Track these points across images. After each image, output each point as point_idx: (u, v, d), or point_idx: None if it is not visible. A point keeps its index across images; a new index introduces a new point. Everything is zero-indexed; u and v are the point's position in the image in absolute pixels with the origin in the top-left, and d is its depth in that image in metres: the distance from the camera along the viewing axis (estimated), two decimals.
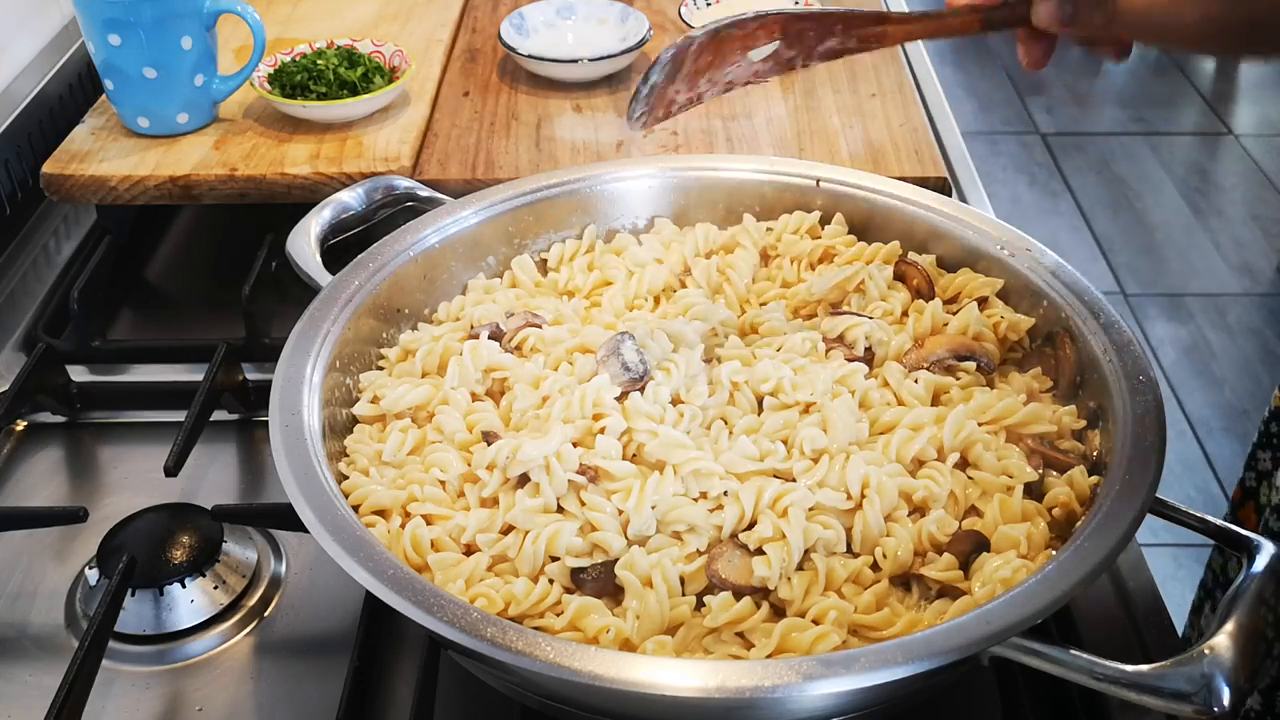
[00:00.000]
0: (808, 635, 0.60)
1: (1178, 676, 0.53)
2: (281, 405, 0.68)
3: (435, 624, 0.55)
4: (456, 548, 0.66)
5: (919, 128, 1.11)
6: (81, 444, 0.89)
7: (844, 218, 0.88)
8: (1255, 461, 0.99)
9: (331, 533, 0.60)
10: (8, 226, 1.10)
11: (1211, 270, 2.90)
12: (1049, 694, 0.69)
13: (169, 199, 1.03)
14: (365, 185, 0.89)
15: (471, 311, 0.81)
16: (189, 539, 0.75)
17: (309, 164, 1.02)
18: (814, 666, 0.53)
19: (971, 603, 0.61)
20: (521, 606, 0.62)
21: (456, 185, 1.03)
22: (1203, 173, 3.31)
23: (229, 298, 0.93)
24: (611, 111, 1.15)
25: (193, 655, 0.72)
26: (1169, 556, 2.08)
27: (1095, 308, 0.75)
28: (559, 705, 0.61)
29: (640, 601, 0.62)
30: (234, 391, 0.89)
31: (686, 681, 0.52)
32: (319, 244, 0.83)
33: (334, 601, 0.75)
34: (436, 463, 0.70)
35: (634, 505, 0.65)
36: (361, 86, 1.08)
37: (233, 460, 0.87)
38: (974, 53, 3.92)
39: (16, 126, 1.12)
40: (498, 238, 0.87)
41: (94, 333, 0.95)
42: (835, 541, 0.65)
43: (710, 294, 0.84)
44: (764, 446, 0.69)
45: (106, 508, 0.81)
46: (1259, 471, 0.99)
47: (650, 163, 0.91)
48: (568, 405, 0.69)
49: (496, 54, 1.26)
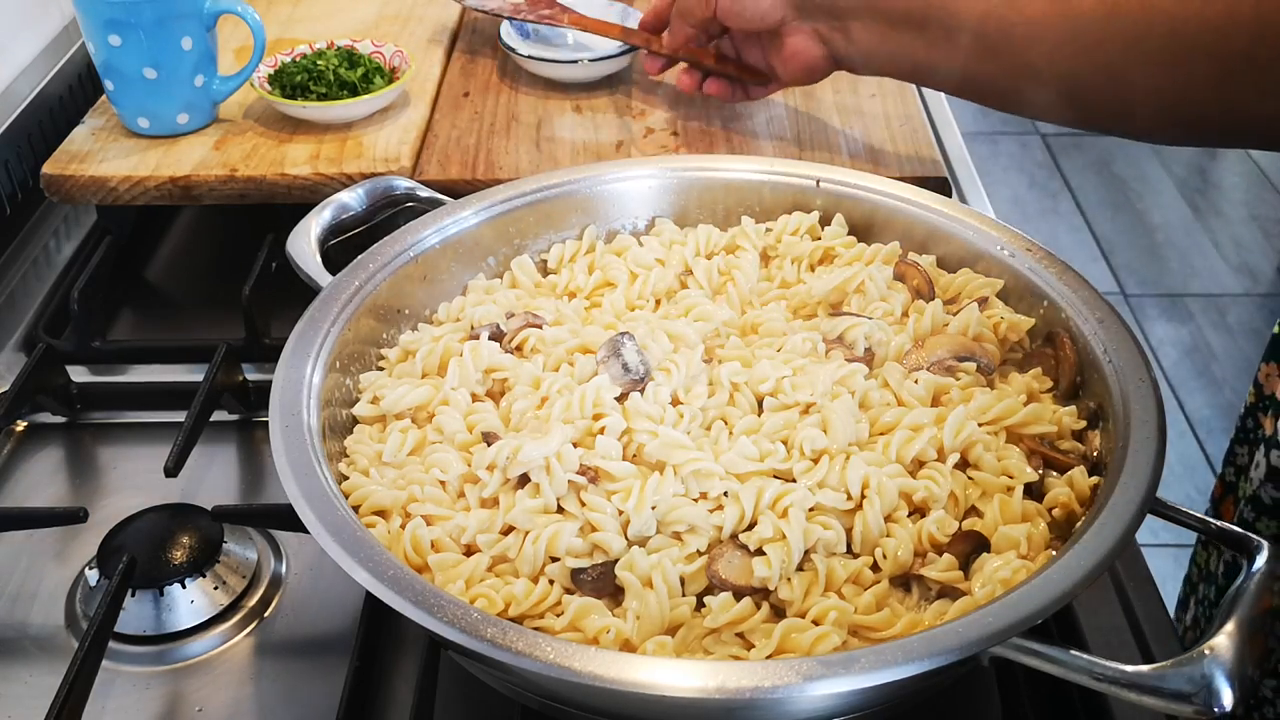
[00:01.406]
0: (808, 636, 0.60)
1: (1178, 677, 0.53)
2: (281, 406, 0.68)
3: (435, 624, 0.55)
4: (457, 548, 0.66)
5: (919, 128, 1.11)
6: (81, 444, 0.89)
7: (844, 218, 0.88)
8: (1234, 456, 1.00)
9: (331, 533, 0.60)
10: (8, 227, 1.10)
11: (1211, 270, 2.91)
12: (1049, 694, 0.69)
13: (169, 199, 1.03)
14: (365, 186, 0.89)
15: (472, 312, 0.81)
16: (189, 539, 0.75)
17: (309, 164, 1.02)
18: (814, 667, 0.53)
19: (972, 603, 0.61)
20: (522, 607, 0.62)
21: (456, 186, 1.03)
22: (1203, 173, 3.32)
23: (229, 298, 0.93)
24: (612, 112, 1.15)
25: (193, 655, 0.72)
26: (1169, 556, 2.09)
27: (1095, 308, 0.75)
28: (559, 706, 0.61)
29: (640, 602, 0.62)
30: (234, 392, 0.89)
31: (686, 682, 0.52)
32: (319, 244, 0.83)
33: (334, 602, 0.75)
34: (437, 463, 0.70)
35: (634, 506, 0.65)
36: (361, 87, 1.08)
37: (233, 461, 0.87)
38: None
39: (16, 127, 1.12)
40: (498, 238, 0.87)
41: (94, 333, 0.95)
42: (835, 542, 0.65)
43: (711, 295, 0.84)
44: (764, 447, 0.69)
45: (106, 508, 0.81)
46: (1237, 466, 0.99)
47: (650, 163, 0.91)
48: (568, 406, 0.69)
49: (496, 54, 1.26)
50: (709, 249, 0.87)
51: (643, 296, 0.83)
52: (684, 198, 0.90)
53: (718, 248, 0.87)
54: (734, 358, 0.75)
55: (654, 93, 1.18)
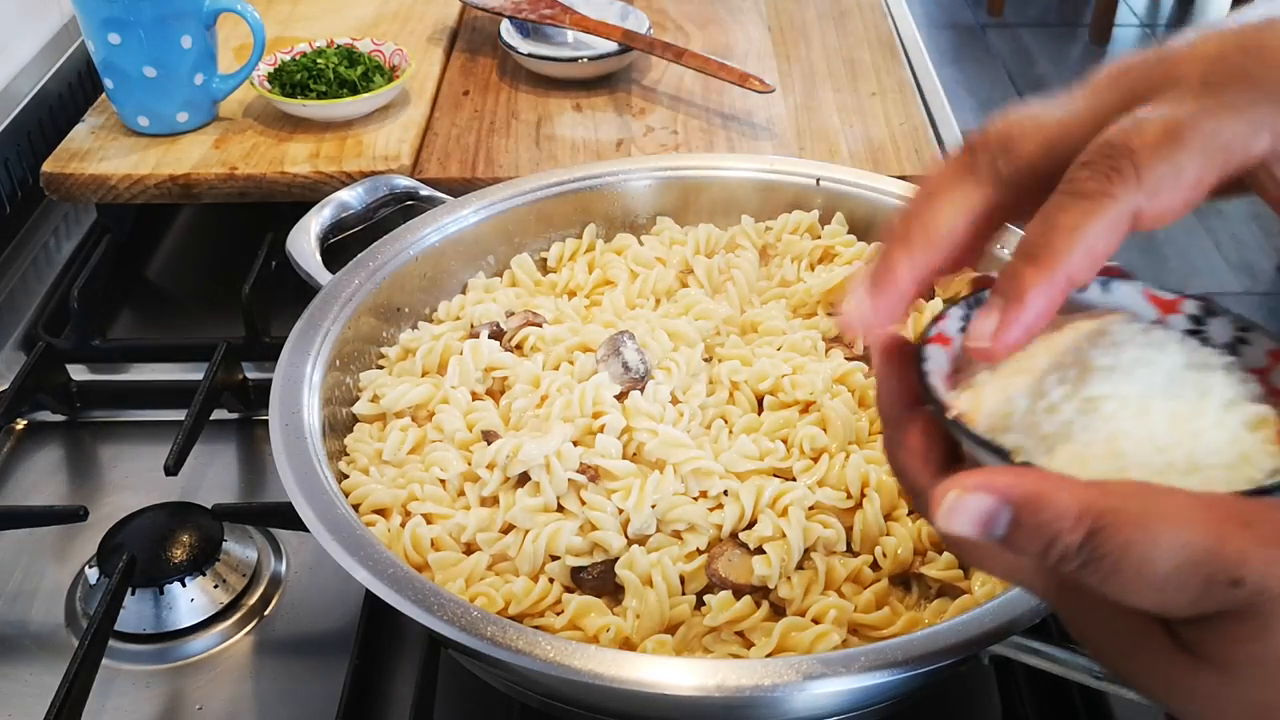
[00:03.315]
0: (808, 634, 0.60)
1: None
2: (281, 404, 0.68)
3: (435, 623, 0.55)
4: (456, 547, 0.66)
5: (919, 127, 1.11)
6: (81, 443, 0.89)
7: (844, 217, 0.87)
8: None
9: (331, 532, 0.59)
10: (8, 225, 1.10)
11: (1212, 269, 2.91)
12: (1049, 693, 0.69)
13: (169, 198, 1.03)
14: (365, 184, 0.89)
15: (472, 310, 0.81)
16: (189, 538, 0.75)
17: (309, 163, 1.02)
18: (814, 665, 0.53)
19: (972, 601, 0.61)
20: (521, 605, 0.62)
21: (456, 184, 1.03)
22: None
23: (229, 296, 0.93)
24: (611, 111, 1.15)
25: (193, 654, 0.72)
26: None
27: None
28: (559, 704, 0.61)
29: (640, 600, 0.62)
30: (234, 390, 0.89)
31: (686, 680, 0.52)
32: (319, 243, 0.83)
33: (334, 600, 0.75)
34: (437, 461, 0.70)
35: (634, 504, 0.65)
36: (361, 85, 1.08)
37: (233, 459, 0.87)
38: (974, 52, 3.92)
39: (16, 125, 1.12)
40: (498, 237, 0.87)
41: (94, 331, 0.95)
42: (835, 540, 0.65)
43: (711, 293, 0.84)
44: (764, 445, 0.69)
45: (107, 507, 0.81)
46: None
47: (650, 162, 0.91)
48: (568, 404, 0.69)
49: (496, 53, 1.25)
50: (709, 247, 0.87)
51: (643, 295, 0.83)
52: (684, 196, 0.90)
53: (718, 246, 0.87)
54: (734, 356, 0.75)
55: (654, 91, 1.18)
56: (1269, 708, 0.36)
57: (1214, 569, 0.34)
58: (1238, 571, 0.34)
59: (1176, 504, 0.35)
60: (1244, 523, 0.35)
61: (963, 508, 0.37)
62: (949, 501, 0.38)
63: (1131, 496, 0.36)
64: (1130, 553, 0.35)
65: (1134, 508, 0.35)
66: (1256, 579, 0.34)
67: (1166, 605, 0.36)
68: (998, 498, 0.37)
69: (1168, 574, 0.35)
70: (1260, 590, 0.34)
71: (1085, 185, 0.40)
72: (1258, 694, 0.36)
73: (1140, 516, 0.35)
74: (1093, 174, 0.40)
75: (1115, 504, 0.35)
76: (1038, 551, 0.36)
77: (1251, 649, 0.36)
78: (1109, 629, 0.39)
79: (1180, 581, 0.35)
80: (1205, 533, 0.35)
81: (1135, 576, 0.35)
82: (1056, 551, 0.36)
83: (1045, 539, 0.36)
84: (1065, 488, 0.36)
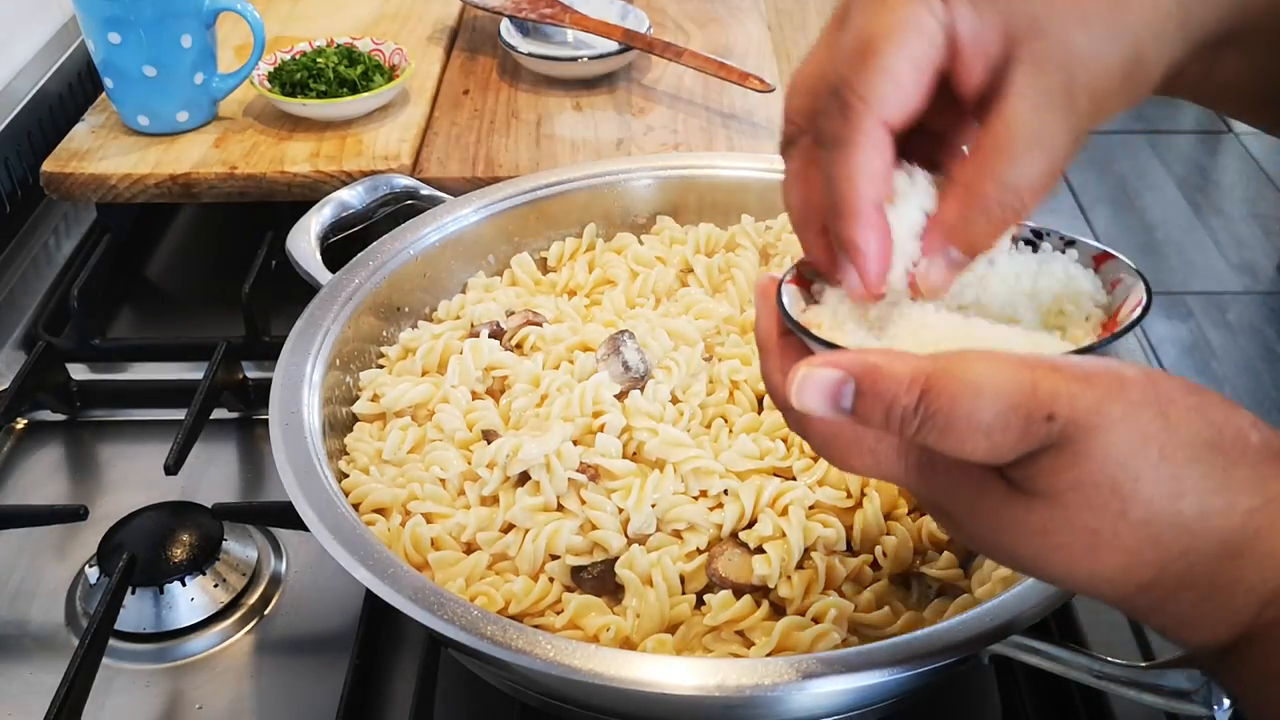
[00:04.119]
0: (808, 634, 0.60)
1: (1178, 675, 0.52)
2: (281, 403, 0.68)
3: (435, 622, 0.55)
4: (456, 546, 0.66)
5: None
6: (81, 442, 0.89)
7: None
8: None
9: (331, 531, 0.59)
10: (8, 225, 1.10)
11: (1212, 268, 2.90)
12: (1050, 693, 0.69)
13: (169, 197, 1.03)
14: (365, 183, 0.89)
15: (472, 310, 0.81)
16: (189, 537, 0.75)
17: (309, 162, 1.02)
18: (814, 665, 0.53)
19: (971, 601, 0.61)
20: (521, 605, 0.62)
21: (456, 183, 1.03)
22: (1203, 171, 3.31)
23: (229, 296, 0.93)
24: (611, 110, 1.15)
25: (193, 653, 0.72)
26: None
27: None
28: (559, 703, 0.61)
29: (640, 600, 0.62)
30: (234, 390, 0.89)
31: (686, 680, 0.52)
32: (319, 242, 0.83)
33: (334, 600, 0.75)
34: (436, 461, 0.70)
35: (634, 503, 0.65)
36: (361, 85, 1.08)
37: (233, 458, 0.87)
38: None
39: (16, 125, 1.12)
40: (498, 236, 0.87)
41: (94, 331, 0.95)
42: (835, 540, 0.65)
43: (711, 292, 0.84)
44: (764, 445, 0.68)
45: (106, 506, 0.81)
46: None
47: (650, 161, 0.91)
48: (568, 403, 0.69)
49: (496, 52, 1.25)
50: (709, 247, 0.87)
51: (643, 294, 0.83)
52: (684, 195, 0.90)
53: (718, 245, 0.87)
54: (734, 355, 0.75)
55: (654, 91, 1.18)
56: (1094, 531, 0.40)
57: (1031, 408, 0.39)
58: (1051, 406, 0.39)
59: (996, 360, 0.40)
60: (1053, 368, 0.39)
61: (811, 381, 0.41)
62: (799, 377, 0.42)
63: (955, 360, 0.40)
64: (958, 405, 0.39)
65: (958, 368, 0.40)
66: (1066, 411, 0.39)
67: (997, 450, 0.40)
68: (842, 371, 0.41)
69: (992, 420, 0.39)
70: (1070, 421, 0.39)
71: (826, 133, 0.45)
72: (1082, 518, 0.40)
73: (964, 373, 0.39)
74: (828, 118, 0.45)
75: (942, 365, 0.40)
76: (881, 418, 0.41)
77: (1069, 475, 0.39)
78: (956, 494, 0.43)
79: (1004, 424, 0.39)
80: (1020, 379, 0.39)
81: (965, 426, 0.39)
82: (896, 415, 0.40)
83: (885, 404, 0.40)
84: (899, 359, 0.41)
